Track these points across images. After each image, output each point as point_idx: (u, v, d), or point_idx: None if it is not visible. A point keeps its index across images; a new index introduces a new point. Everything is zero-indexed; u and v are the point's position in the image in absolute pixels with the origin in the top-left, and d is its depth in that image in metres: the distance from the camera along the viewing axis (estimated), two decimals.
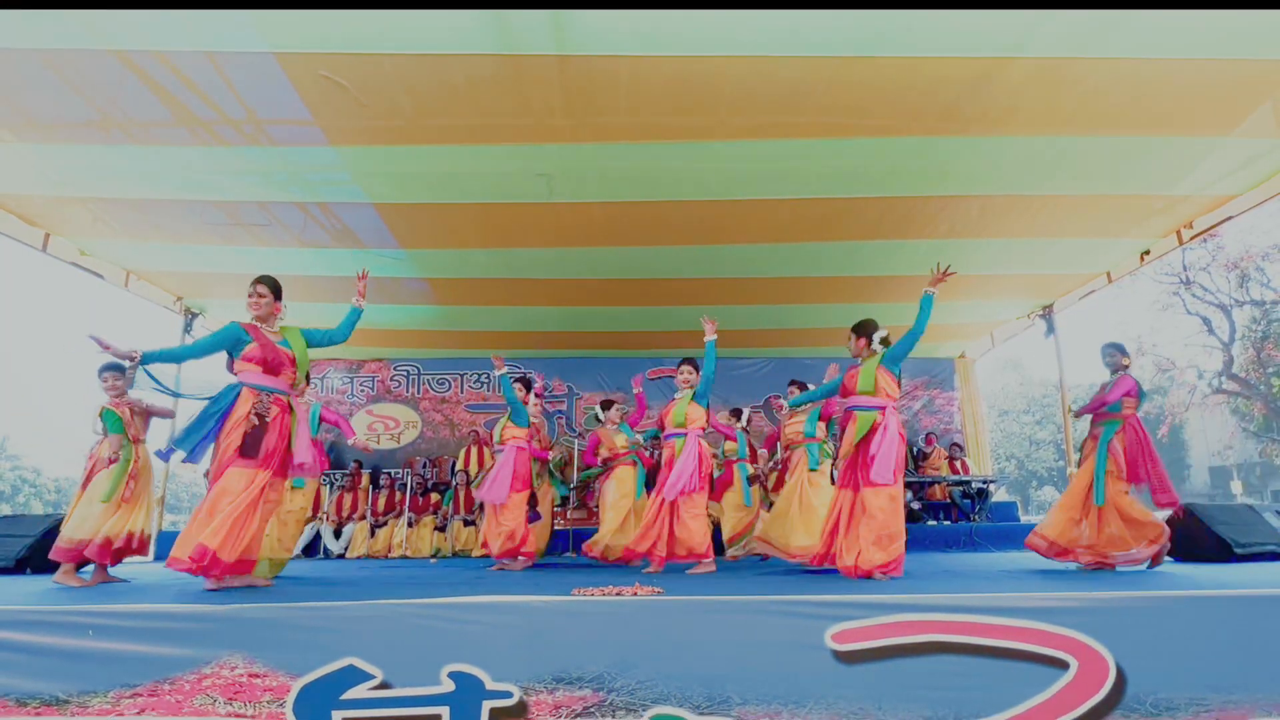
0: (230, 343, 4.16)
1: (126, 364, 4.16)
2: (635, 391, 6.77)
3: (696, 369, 5.67)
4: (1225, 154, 5.60)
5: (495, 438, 6.57)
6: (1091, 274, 8.32)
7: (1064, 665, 2.74)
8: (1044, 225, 6.84)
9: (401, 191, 6.05)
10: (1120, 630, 2.78)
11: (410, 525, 9.42)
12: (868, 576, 4.32)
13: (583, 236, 6.85)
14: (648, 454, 7.29)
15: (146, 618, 2.81)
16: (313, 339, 4.46)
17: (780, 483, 7.10)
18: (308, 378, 4.69)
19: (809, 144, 5.37)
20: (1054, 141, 5.41)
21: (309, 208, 6.32)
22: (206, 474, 4.35)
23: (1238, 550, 5.62)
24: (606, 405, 7.16)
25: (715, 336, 5.38)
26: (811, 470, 6.05)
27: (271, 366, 4.15)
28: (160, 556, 8.91)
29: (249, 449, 3.97)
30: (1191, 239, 7.13)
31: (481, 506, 9.00)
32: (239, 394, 4.07)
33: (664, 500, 5.30)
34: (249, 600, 3.08)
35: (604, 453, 6.98)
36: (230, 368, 4.22)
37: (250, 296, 4.27)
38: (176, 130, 5.13)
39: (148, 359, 3.93)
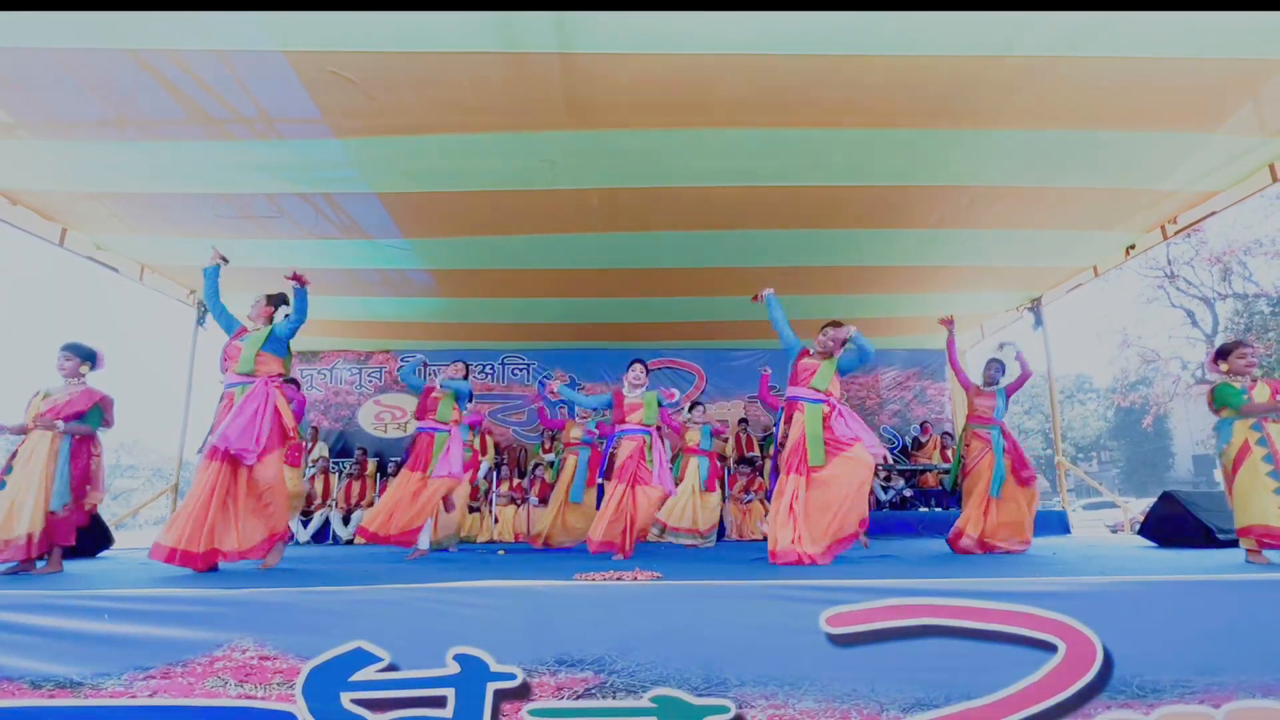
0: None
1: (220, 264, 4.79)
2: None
3: (646, 370, 5.96)
4: (1209, 151, 5.69)
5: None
6: (1079, 267, 8.42)
7: (1052, 648, 2.79)
8: (1032, 218, 6.92)
9: (405, 182, 6.09)
10: (1107, 614, 2.83)
11: None
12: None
13: (583, 222, 6.90)
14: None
15: (159, 601, 2.84)
16: (280, 330, 4.70)
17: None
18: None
19: (805, 133, 5.42)
20: (1042, 136, 5.49)
21: (316, 200, 6.37)
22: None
23: (1220, 536, 5.72)
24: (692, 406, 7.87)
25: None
26: None
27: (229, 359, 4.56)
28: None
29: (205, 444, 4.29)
30: (1176, 234, 7.23)
31: (486, 494, 9.12)
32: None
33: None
34: (260, 584, 3.12)
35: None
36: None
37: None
38: (189, 127, 5.20)
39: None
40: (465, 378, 6.56)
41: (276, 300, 4.82)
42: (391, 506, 5.86)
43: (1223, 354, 4.66)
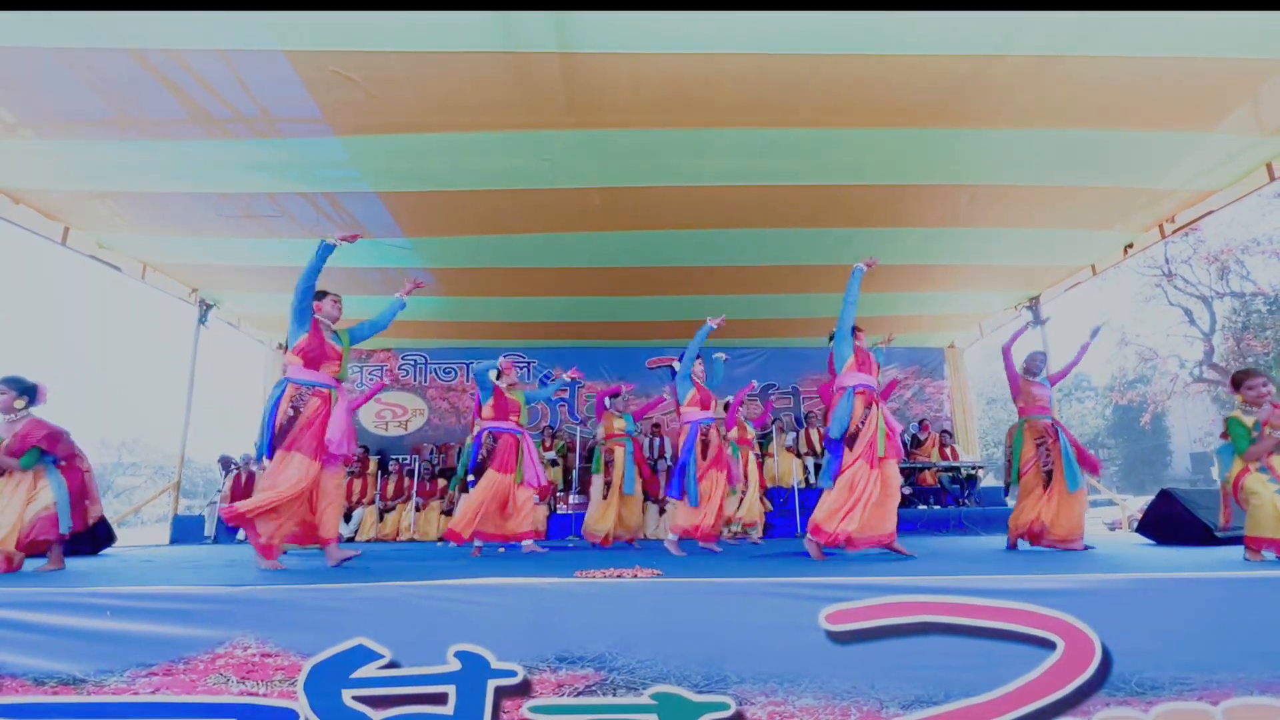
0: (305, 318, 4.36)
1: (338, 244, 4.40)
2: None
3: None
4: (1207, 150, 5.71)
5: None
6: (1077, 266, 8.44)
7: (1051, 645, 2.79)
8: (1031, 216, 6.94)
9: (405, 180, 6.11)
10: (1106, 611, 2.83)
11: (418, 509, 9.61)
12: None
13: (582, 221, 6.93)
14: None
15: (161, 599, 2.84)
16: (358, 333, 4.65)
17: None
18: None
19: (804, 133, 5.43)
20: (1040, 135, 5.51)
21: (317, 199, 6.38)
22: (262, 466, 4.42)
23: (1218, 534, 5.73)
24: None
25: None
26: None
27: (313, 360, 4.31)
28: (175, 541, 9.01)
29: (279, 438, 4.17)
30: (1174, 232, 7.26)
31: None
32: (284, 390, 4.27)
33: None
34: (261, 582, 3.13)
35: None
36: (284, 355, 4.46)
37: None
38: (190, 126, 5.22)
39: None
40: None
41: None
42: (479, 508, 5.84)
43: (1235, 384, 4.54)
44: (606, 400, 7.41)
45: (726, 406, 7.50)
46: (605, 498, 7.14)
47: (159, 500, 11.73)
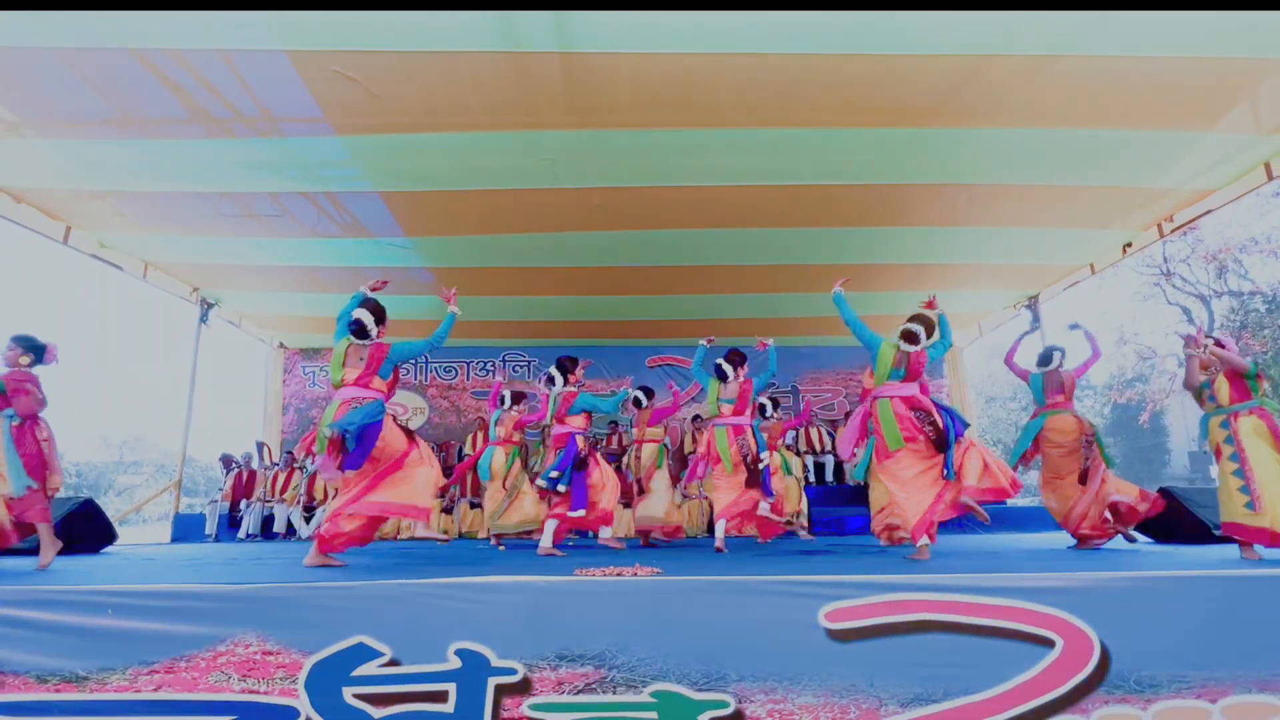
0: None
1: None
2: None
3: None
4: (1205, 149, 5.72)
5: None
6: (1075, 265, 8.45)
7: (1050, 644, 2.80)
8: (1030, 215, 6.94)
9: (406, 180, 6.12)
10: (1104, 610, 2.84)
11: None
12: None
13: (582, 220, 6.93)
14: None
15: (163, 597, 2.86)
16: (406, 352, 4.81)
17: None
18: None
19: (804, 133, 5.44)
20: (1039, 134, 5.51)
21: (318, 199, 6.39)
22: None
23: (1216, 532, 5.74)
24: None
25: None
26: None
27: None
28: (176, 539, 9.02)
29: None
30: (1172, 231, 7.27)
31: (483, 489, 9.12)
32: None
33: None
34: (262, 580, 3.14)
35: None
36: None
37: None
38: (192, 126, 5.22)
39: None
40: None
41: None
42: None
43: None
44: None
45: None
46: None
47: (160, 499, 11.73)
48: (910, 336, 4.73)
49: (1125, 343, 26.42)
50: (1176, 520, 6.16)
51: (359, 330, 4.42)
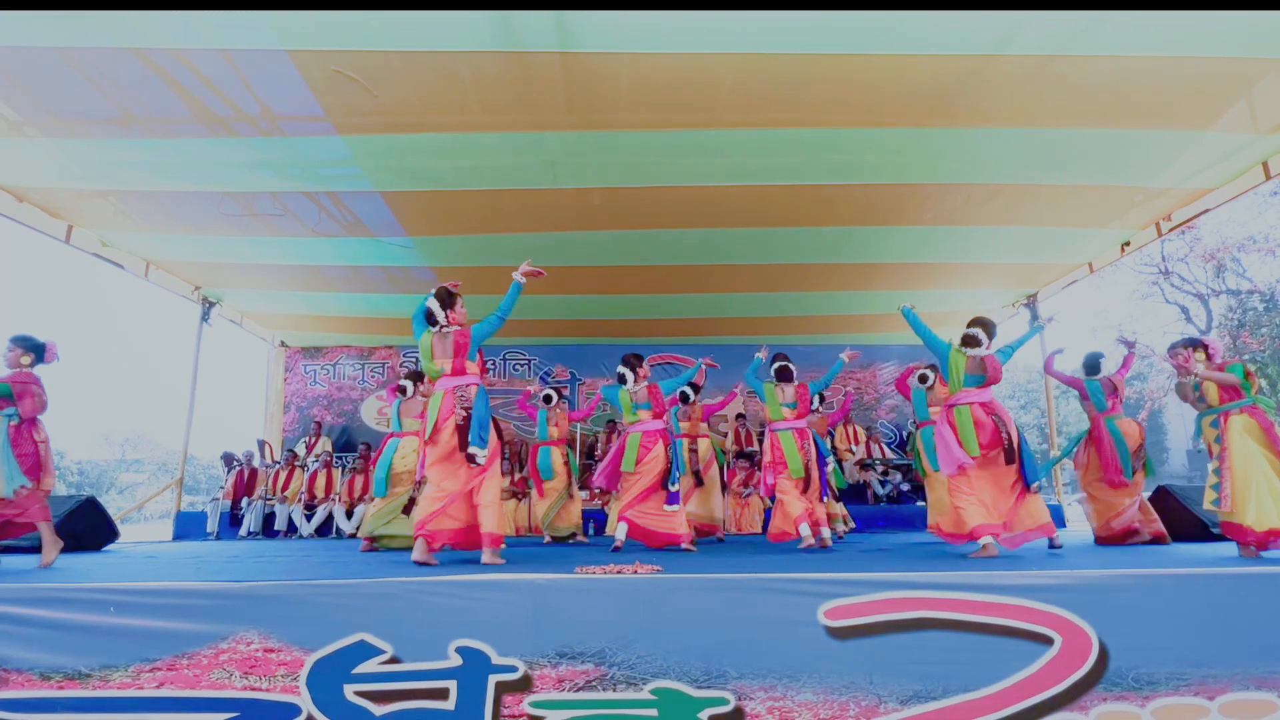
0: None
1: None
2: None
3: None
4: (1203, 149, 5.72)
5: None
6: (1074, 264, 8.46)
7: (1049, 641, 2.81)
8: (1028, 215, 6.95)
9: (407, 180, 6.12)
10: (1103, 607, 2.85)
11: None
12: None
13: (583, 220, 6.93)
14: None
15: (165, 595, 2.87)
16: (484, 331, 4.75)
17: None
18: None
19: (804, 133, 5.44)
20: (1037, 134, 5.51)
21: (320, 198, 6.40)
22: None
23: (1214, 530, 5.75)
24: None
25: None
26: None
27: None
28: (178, 537, 9.04)
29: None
30: (1170, 230, 7.27)
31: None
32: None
33: None
34: (263, 578, 3.15)
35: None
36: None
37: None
38: (194, 125, 5.22)
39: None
40: None
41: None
42: None
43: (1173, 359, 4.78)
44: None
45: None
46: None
47: (162, 496, 11.74)
48: (972, 341, 4.76)
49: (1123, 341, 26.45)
50: (1175, 518, 6.18)
51: (431, 319, 4.56)
